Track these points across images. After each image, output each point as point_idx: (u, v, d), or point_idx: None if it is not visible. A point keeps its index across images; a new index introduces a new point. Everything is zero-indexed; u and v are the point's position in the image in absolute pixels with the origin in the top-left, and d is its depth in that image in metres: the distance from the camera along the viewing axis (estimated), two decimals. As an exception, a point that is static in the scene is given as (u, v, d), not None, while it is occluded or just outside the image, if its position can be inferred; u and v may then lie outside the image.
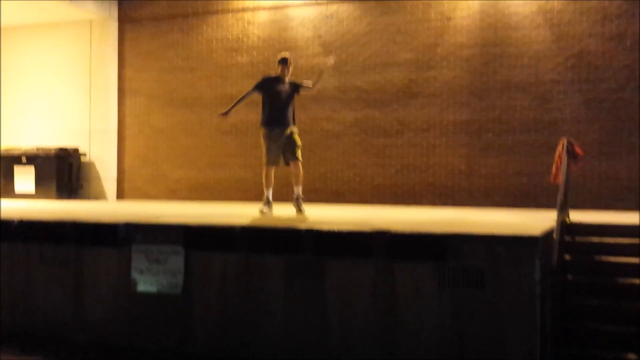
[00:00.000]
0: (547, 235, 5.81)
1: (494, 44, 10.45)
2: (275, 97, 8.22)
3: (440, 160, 10.74)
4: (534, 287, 5.24)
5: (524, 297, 5.25)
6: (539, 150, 10.08)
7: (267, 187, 8.20)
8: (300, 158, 8.29)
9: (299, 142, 8.30)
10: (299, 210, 8.22)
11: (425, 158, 10.82)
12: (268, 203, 8.16)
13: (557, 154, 7.24)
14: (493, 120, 10.44)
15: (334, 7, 11.40)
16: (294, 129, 8.30)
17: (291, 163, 8.31)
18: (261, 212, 8.04)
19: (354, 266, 5.72)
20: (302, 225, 6.10)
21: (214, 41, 12.21)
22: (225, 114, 8.45)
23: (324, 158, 11.42)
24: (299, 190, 8.30)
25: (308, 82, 8.50)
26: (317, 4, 11.50)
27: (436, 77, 10.79)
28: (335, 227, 5.96)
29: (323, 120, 11.44)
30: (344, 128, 11.32)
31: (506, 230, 5.80)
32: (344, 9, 11.34)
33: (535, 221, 6.93)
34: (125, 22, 12.82)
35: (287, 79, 8.34)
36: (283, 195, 11.59)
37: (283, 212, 8.46)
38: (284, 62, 8.32)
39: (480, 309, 5.36)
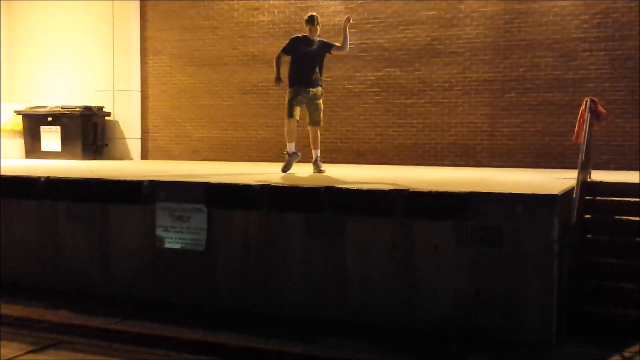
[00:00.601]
0: (567, 195, 5.81)
1: (518, 0, 10.26)
2: (302, 58, 8.18)
3: (462, 119, 10.68)
4: (552, 246, 5.26)
5: (541, 255, 5.29)
6: (562, 109, 9.97)
7: (291, 140, 8.21)
8: (321, 123, 8.30)
9: (321, 106, 8.30)
10: (320, 171, 8.28)
11: (447, 117, 10.77)
12: (293, 154, 8.20)
13: (580, 113, 7.18)
14: (516, 78, 10.32)
15: (356, -36, 11.24)
16: (318, 92, 8.25)
17: (310, 128, 8.34)
18: (289, 161, 8.11)
19: (373, 224, 5.79)
20: (321, 184, 6.17)
21: (235, 0, 12.15)
22: (278, 81, 8.33)
23: (345, 118, 11.43)
24: (317, 153, 8.37)
25: (338, 43, 8.40)
26: (339, -40, 11.35)
27: (459, 35, 10.65)
28: (354, 186, 6.02)
29: (344, 79, 11.40)
30: (365, 87, 11.28)
31: (525, 189, 5.81)
32: (366, -34, 11.17)
33: (556, 180, 6.92)
34: (147, -20, 12.79)
35: (315, 39, 8.27)
36: (304, 156, 11.67)
37: (304, 172, 8.54)
38: (311, 21, 8.24)
39: (498, 267, 5.41)
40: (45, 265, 7.08)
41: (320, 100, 8.32)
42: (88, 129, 12.33)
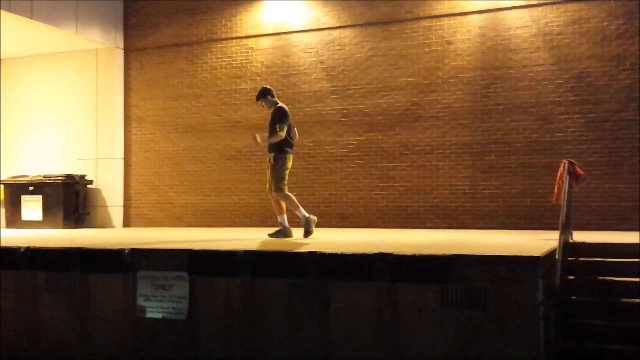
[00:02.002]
0: (550, 256, 5.83)
1: (494, 66, 10.56)
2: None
3: (443, 182, 10.80)
4: (537, 308, 5.24)
5: (527, 318, 5.25)
6: (541, 171, 10.13)
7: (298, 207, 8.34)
8: (273, 189, 8.34)
9: (273, 173, 8.30)
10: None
11: (429, 180, 10.88)
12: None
13: (558, 174, 7.29)
14: (495, 141, 10.51)
15: (335, 33, 11.56)
16: (270, 158, 8.36)
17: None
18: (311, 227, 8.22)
19: (358, 288, 5.75)
20: (305, 249, 6.14)
21: (218, 68, 12.38)
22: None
23: (328, 182, 11.50)
24: (279, 218, 8.50)
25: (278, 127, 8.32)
26: (319, 29, 11.67)
27: (438, 100, 10.89)
28: (337, 250, 6.00)
29: (327, 144, 11.54)
30: (347, 151, 11.41)
31: (508, 251, 5.83)
32: (346, 35, 11.50)
33: (539, 242, 6.95)
34: (131, 50, 13.03)
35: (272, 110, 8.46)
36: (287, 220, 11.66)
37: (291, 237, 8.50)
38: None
39: (484, 331, 5.36)
40: (23, 337, 6.89)
41: (272, 167, 8.30)
42: (70, 198, 12.27)
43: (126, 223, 12.89)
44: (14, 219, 12.44)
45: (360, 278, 5.75)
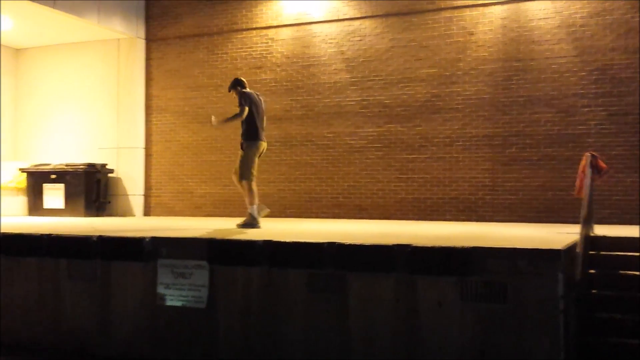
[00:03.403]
0: (571, 249, 5.78)
1: (516, 58, 10.46)
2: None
3: (463, 174, 10.74)
4: (557, 302, 5.21)
5: (547, 311, 5.22)
6: (563, 164, 10.03)
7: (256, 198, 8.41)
8: (239, 176, 8.46)
9: (241, 159, 8.41)
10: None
11: (449, 172, 10.83)
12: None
13: (580, 168, 7.22)
14: (517, 134, 10.42)
15: (356, 24, 11.52)
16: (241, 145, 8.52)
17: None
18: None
19: (376, 280, 5.75)
20: (323, 240, 6.15)
21: (238, 59, 12.40)
22: None
23: (347, 173, 11.49)
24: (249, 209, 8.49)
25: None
26: (340, 20, 11.63)
27: (459, 91, 10.82)
28: (356, 241, 6.00)
29: (346, 135, 11.52)
30: (366, 143, 11.39)
31: (529, 244, 5.79)
32: (366, 25, 11.45)
33: (559, 235, 6.90)
34: (152, 41, 13.09)
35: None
36: (306, 211, 11.73)
37: (306, 227, 8.52)
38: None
39: (503, 324, 5.34)
40: (45, 325, 7.00)
41: (241, 155, 8.42)
42: (91, 186, 12.39)
43: (147, 212, 13.00)
44: (36, 207, 12.61)
45: (379, 269, 5.75)
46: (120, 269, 6.69)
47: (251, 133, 8.39)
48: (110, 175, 12.88)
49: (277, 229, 8.26)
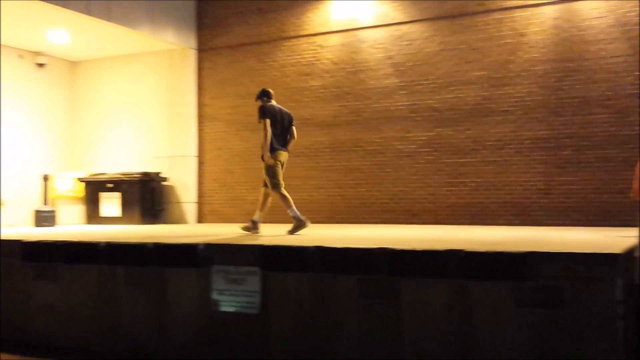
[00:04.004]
0: (629, 253, 5.61)
1: (569, 58, 10.24)
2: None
3: (516, 178, 10.56)
4: (616, 307, 5.06)
5: (605, 317, 5.08)
6: (619, 166, 9.77)
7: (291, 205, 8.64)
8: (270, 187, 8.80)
9: (266, 172, 8.74)
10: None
11: (501, 176, 10.67)
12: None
13: (637, 169, 7.01)
14: (571, 136, 10.20)
15: (404, 28, 11.49)
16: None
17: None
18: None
19: (428, 286, 5.70)
20: (375, 245, 6.14)
21: (287, 66, 12.52)
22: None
23: (396, 178, 11.45)
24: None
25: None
26: (388, 25, 11.63)
27: (511, 93, 10.66)
28: (407, 247, 5.97)
29: (395, 140, 11.48)
30: (416, 147, 11.33)
31: (585, 248, 5.65)
32: (415, 29, 11.40)
33: (616, 239, 6.71)
34: (203, 51, 13.35)
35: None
36: (356, 216, 11.71)
37: (357, 232, 8.52)
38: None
39: (560, 330, 5.22)
40: (103, 330, 7.18)
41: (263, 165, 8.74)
42: (146, 195, 12.69)
43: (200, 219, 13.23)
44: (94, 215, 12.98)
45: (431, 275, 5.69)
46: (176, 275, 6.82)
47: (270, 146, 8.68)
48: (164, 183, 13.16)
49: (327, 234, 8.29)
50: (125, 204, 12.67)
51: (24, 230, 10.84)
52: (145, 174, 12.75)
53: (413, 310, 5.75)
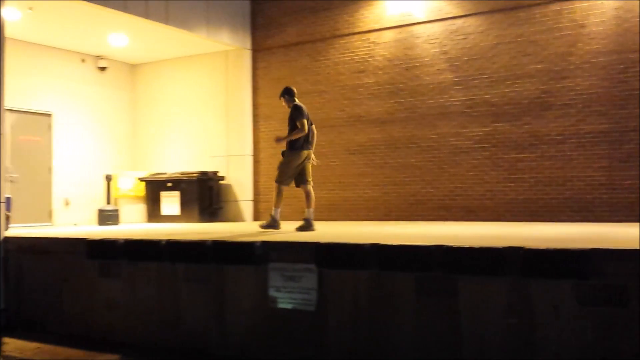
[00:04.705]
0: (700, 250, 5.39)
1: (632, 49, 9.89)
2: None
3: (578, 173, 10.27)
4: (686, 306, 4.87)
5: (674, 316, 4.90)
6: (689, 159, 9.37)
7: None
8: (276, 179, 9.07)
9: (280, 165, 9.01)
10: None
11: (562, 171, 10.40)
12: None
13: None
14: (635, 129, 9.85)
15: (459, 22, 11.32)
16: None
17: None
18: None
19: (487, 284, 5.61)
20: (432, 242, 6.09)
21: (341, 64, 12.52)
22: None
23: (453, 174, 11.30)
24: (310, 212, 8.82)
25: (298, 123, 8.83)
26: (442, 19, 11.48)
27: (570, 86, 10.37)
28: (464, 244, 5.90)
29: (450, 136, 11.34)
30: (473, 143, 11.15)
31: (652, 245, 5.45)
32: (470, 23, 11.23)
33: (686, 235, 6.44)
34: (258, 51, 13.49)
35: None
36: (411, 213, 11.62)
37: (413, 230, 8.45)
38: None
39: (624, 329, 5.05)
40: (165, 326, 7.35)
41: (281, 161, 9.01)
42: (204, 193, 12.93)
43: (256, 217, 13.38)
44: (155, 214, 13.30)
45: (490, 273, 5.60)
46: (234, 272, 6.92)
47: (298, 143, 8.81)
48: (221, 182, 13.38)
49: (383, 231, 8.26)
50: (184, 203, 12.93)
51: (88, 228, 11.20)
52: (203, 173, 12.99)
53: (472, 307, 5.67)
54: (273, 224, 8.81)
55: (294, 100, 9.08)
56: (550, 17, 10.54)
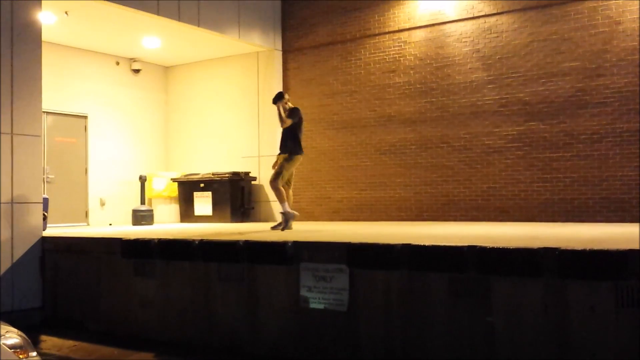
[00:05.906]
0: None
1: (671, 45, 9.67)
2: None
3: (614, 172, 10.08)
4: None
5: None
6: None
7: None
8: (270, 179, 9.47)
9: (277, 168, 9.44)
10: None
11: (597, 171, 10.21)
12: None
13: None
14: (674, 127, 9.63)
15: (492, 20, 11.21)
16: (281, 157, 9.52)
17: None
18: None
19: (521, 285, 5.54)
20: (465, 243, 6.03)
21: (372, 64, 12.49)
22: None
23: (486, 174, 11.19)
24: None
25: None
26: (474, 18, 11.38)
27: (606, 84, 10.19)
28: (498, 244, 5.83)
29: (483, 135, 11.22)
30: (506, 142, 11.03)
31: (692, 246, 5.32)
32: (503, 21, 11.10)
33: None
34: (289, 52, 13.53)
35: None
36: (443, 214, 11.56)
37: (445, 230, 8.39)
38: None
39: (665, 332, 4.94)
40: (198, 324, 7.42)
41: (280, 163, 9.49)
42: (236, 194, 13.02)
43: (287, 217, 13.39)
44: (188, 214, 13.44)
45: (524, 274, 5.53)
46: (266, 272, 6.96)
47: (296, 147, 9.40)
48: (253, 182, 13.44)
49: (415, 232, 8.21)
50: (217, 203, 13.04)
51: (123, 228, 11.37)
52: (235, 174, 13.07)
53: (505, 309, 5.61)
54: (288, 218, 9.23)
55: (288, 102, 9.65)
56: (585, 14, 10.37)
